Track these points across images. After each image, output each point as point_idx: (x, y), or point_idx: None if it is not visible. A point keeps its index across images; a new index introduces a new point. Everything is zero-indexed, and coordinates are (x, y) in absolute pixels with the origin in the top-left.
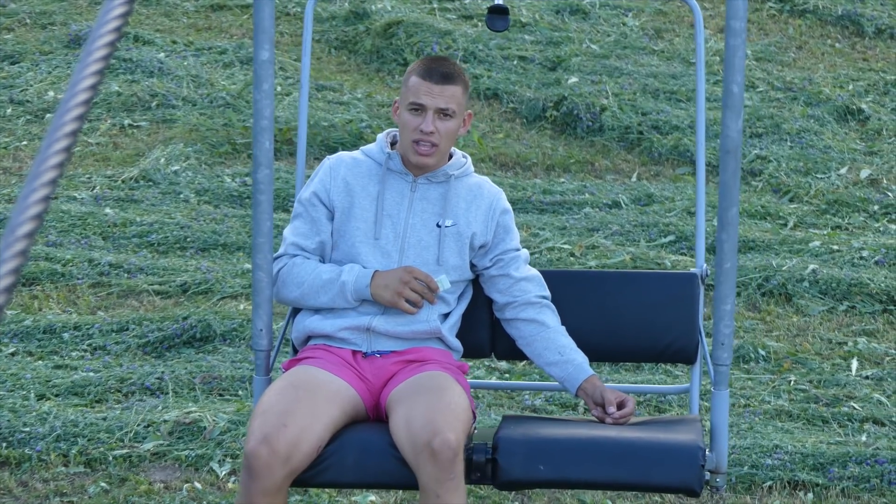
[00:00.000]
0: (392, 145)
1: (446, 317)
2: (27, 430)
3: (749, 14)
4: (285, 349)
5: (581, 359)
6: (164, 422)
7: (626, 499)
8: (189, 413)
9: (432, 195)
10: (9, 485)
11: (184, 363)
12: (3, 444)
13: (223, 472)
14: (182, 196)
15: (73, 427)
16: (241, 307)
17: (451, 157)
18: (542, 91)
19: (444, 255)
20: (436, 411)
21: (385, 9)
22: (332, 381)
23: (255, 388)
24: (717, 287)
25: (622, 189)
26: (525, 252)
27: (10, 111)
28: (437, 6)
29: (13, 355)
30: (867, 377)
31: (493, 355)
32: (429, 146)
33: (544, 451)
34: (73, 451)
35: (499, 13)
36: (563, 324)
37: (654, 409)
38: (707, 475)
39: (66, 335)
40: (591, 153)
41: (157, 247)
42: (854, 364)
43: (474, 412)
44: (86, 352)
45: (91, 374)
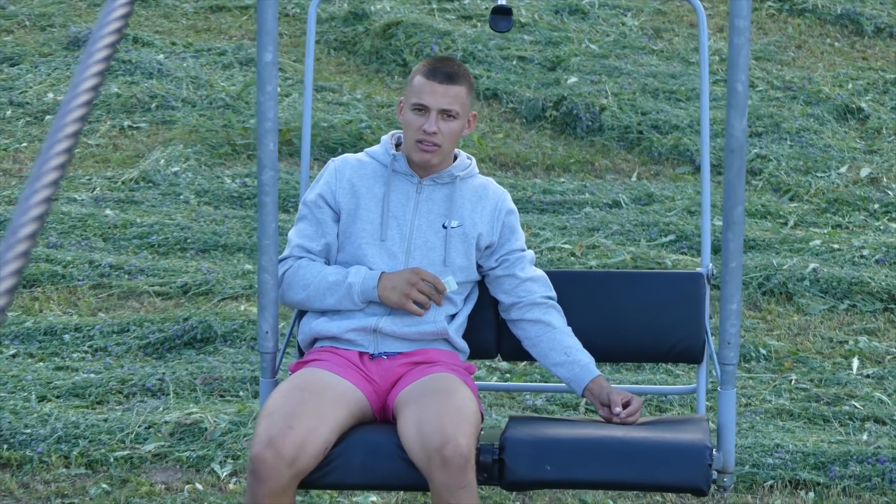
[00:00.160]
0: (397, 147)
1: (453, 318)
2: (28, 431)
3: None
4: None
5: (587, 359)
6: (166, 423)
7: (626, 498)
8: (190, 414)
9: (438, 196)
10: (10, 486)
11: (185, 364)
12: (5, 446)
13: (224, 473)
14: (182, 197)
15: (75, 428)
16: (242, 308)
17: (455, 159)
18: (542, 91)
19: (451, 256)
20: (446, 415)
21: (384, 9)
22: (338, 383)
23: (262, 390)
24: (722, 286)
25: (622, 189)
26: (531, 253)
27: (9, 113)
28: (436, 7)
29: (14, 357)
30: (868, 376)
31: (499, 356)
32: (431, 146)
33: (551, 452)
34: (75, 453)
35: (502, 14)
36: (568, 324)
37: (656, 408)
38: (714, 474)
39: (67, 337)
40: (591, 153)
41: (157, 248)
42: (855, 363)
43: (482, 413)
44: (87, 353)
45: (92, 375)
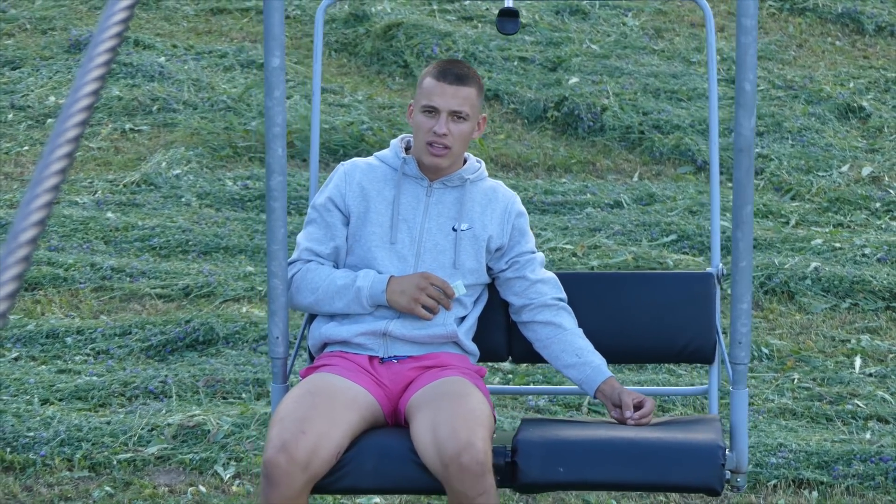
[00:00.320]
0: (407, 150)
1: (462, 320)
2: (31, 434)
3: None
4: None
5: (599, 361)
6: (168, 425)
7: (630, 499)
8: (193, 416)
9: (448, 199)
10: (13, 490)
11: (187, 366)
12: (8, 449)
13: (227, 475)
14: (183, 200)
15: (77, 431)
16: (244, 310)
17: (465, 162)
18: (543, 91)
19: (461, 258)
20: (460, 419)
21: (385, 11)
22: (349, 388)
23: (273, 395)
24: (733, 286)
25: (624, 189)
26: (541, 255)
27: (11, 116)
28: (436, 8)
29: (16, 360)
30: (871, 375)
31: (509, 358)
32: (441, 148)
33: (563, 453)
34: (78, 456)
35: (509, 16)
36: (580, 326)
37: (659, 408)
38: (727, 475)
39: (69, 339)
40: (593, 153)
41: (158, 250)
42: (857, 361)
43: (494, 416)
44: (89, 356)
45: (94, 378)
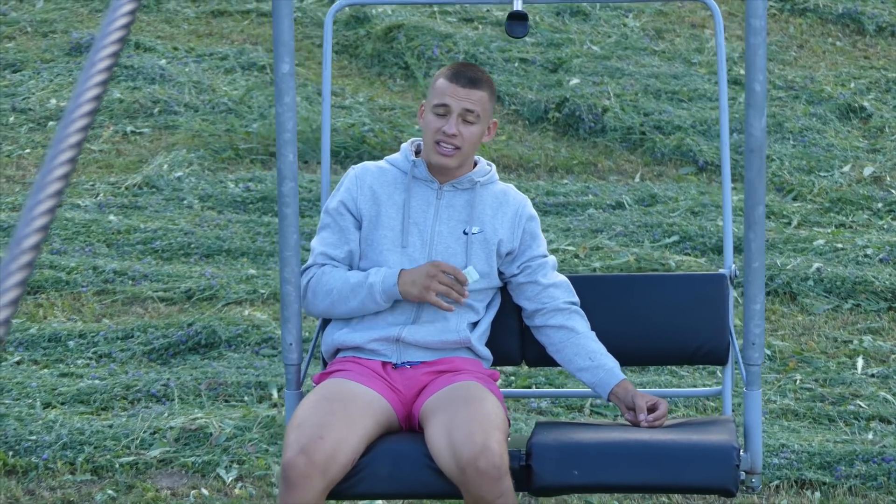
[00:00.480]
0: (417, 154)
1: (475, 326)
2: (33, 438)
3: None
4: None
5: (612, 364)
6: (171, 428)
7: (633, 500)
8: (195, 419)
9: (458, 202)
10: (16, 493)
11: (189, 370)
12: (10, 453)
13: (230, 478)
14: (185, 202)
15: (80, 435)
16: (246, 313)
17: (475, 165)
18: (544, 93)
19: (472, 262)
20: (475, 423)
21: (385, 13)
22: (364, 393)
23: (287, 402)
24: (746, 287)
25: (625, 190)
26: (552, 258)
27: (12, 119)
28: (437, 9)
29: (18, 364)
30: (873, 375)
31: (523, 363)
32: (451, 148)
33: (578, 456)
34: (80, 459)
35: (518, 19)
36: (592, 329)
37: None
38: (742, 475)
39: (72, 343)
40: (594, 154)
41: (161, 253)
42: (860, 362)
43: (509, 420)
44: (91, 359)
45: (97, 381)
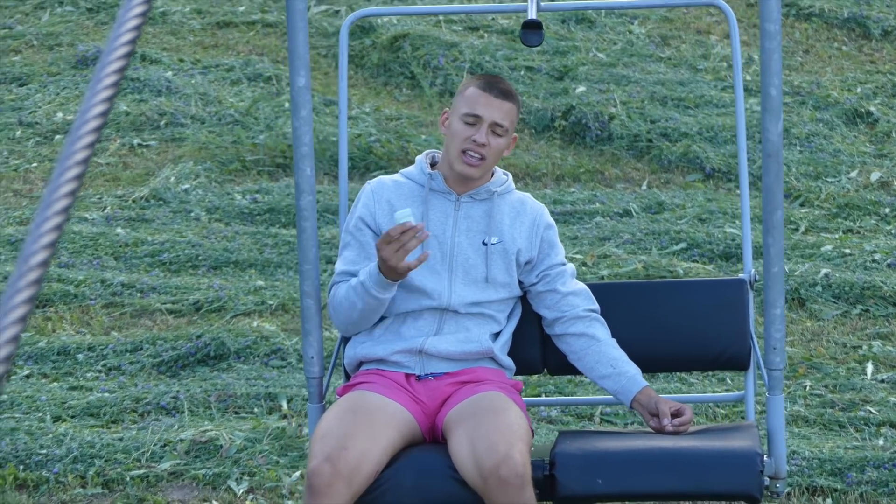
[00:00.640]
0: (432, 166)
1: (497, 336)
2: (44, 452)
3: (755, 19)
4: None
5: (634, 370)
6: (181, 441)
7: None
8: (205, 432)
9: (476, 213)
10: None
11: (198, 382)
12: (21, 467)
13: (241, 491)
14: (193, 214)
15: (90, 448)
16: (255, 324)
17: (492, 175)
18: (550, 101)
19: (492, 272)
20: (498, 433)
21: (391, 22)
22: (388, 405)
23: (310, 415)
24: (766, 291)
25: (633, 197)
26: (571, 266)
27: (19, 133)
28: (442, 18)
29: (28, 378)
30: (883, 381)
31: (545, 371)
32: (477, 158)
33: (602, 465)
34: (91, 473)
35: (533, 28)
36: (613, 336)
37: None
38: (766, 481)
39: (81, 356)
40: (601, 162)
41: (169, 266)
42: (869, 368)
43: (532, 430)
44: (100, 372)
45: (106, 394)
